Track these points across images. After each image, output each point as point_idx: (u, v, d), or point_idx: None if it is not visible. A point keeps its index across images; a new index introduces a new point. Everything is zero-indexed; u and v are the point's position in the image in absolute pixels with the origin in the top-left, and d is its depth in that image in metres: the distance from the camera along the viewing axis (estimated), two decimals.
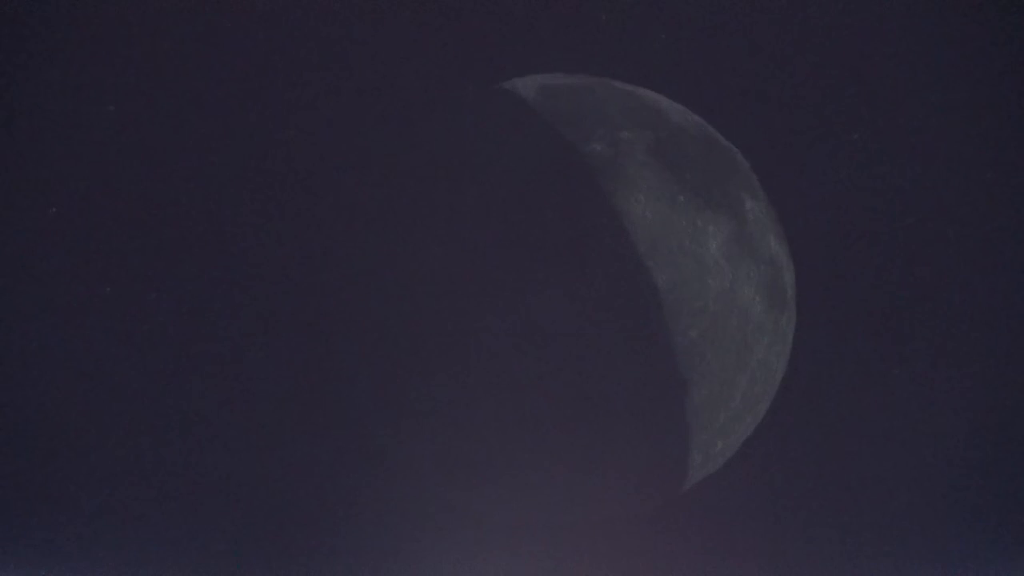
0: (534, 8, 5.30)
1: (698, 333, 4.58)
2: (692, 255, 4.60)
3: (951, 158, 4.90)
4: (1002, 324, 4.99)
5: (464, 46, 5.20)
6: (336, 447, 5.24)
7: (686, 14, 5.19)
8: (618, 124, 4.88)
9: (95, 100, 4.96)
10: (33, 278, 5.01)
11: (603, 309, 4.45)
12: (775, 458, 5.15)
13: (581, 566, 5.41)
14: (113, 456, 5.19)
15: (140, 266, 5.08)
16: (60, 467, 5.16)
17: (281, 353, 5.17)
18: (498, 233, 4.66)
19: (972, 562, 5.17)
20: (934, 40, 4.94)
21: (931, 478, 5.12)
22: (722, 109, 5.12)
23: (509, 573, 5.38)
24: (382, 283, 4.94)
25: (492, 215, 4.70)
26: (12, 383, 5.04)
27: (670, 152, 4.86)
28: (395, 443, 5.14)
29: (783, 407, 5.08)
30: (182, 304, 5.05)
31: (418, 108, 5.08)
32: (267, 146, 5.17)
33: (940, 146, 4.92)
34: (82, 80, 4.91)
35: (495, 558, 5.32)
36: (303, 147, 5.06)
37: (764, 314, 4.89)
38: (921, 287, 5.06)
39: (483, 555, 5.34)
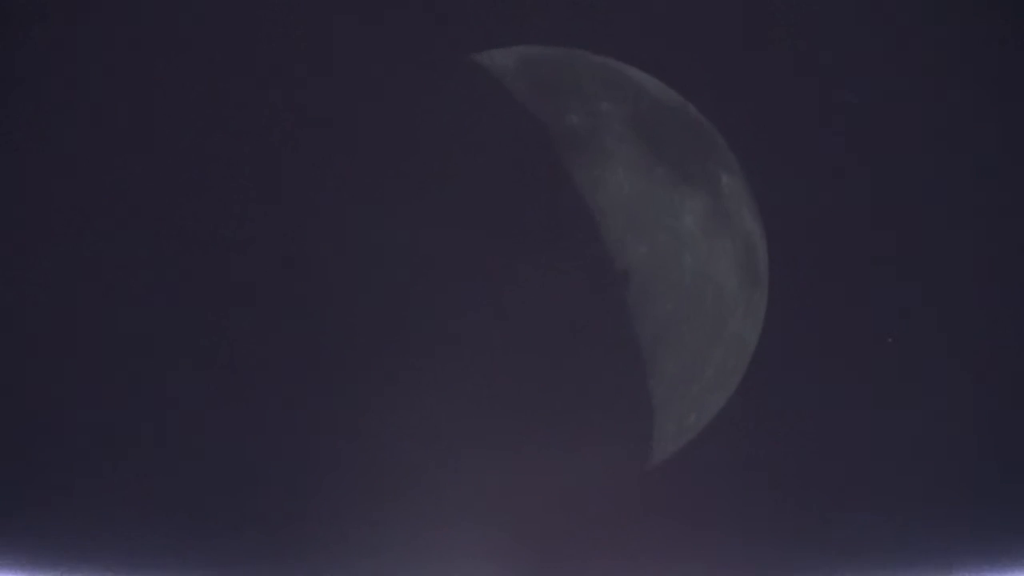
0: None
1: (673, 306, 4.63)
2: (669, 229, 4.63)
3: (932, 134, 4.96)
4: (981, 299, 5.08)
5: (439, 16, 5.14)
6: (316, 427, 5.24)
7: None
8: (596, 96, 4.88)
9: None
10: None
11: (580, 281, 4.48)
12: (747, 430, 5.23)
13: (553, 537, 5.46)
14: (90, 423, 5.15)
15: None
16: (53, 452, 5.13)
17: (258, 337, 5.14)
18: (474, 206, 4.66)
19: (951, 528, 5.31)
20: (918, 12, 4.98)
21: (905, 447, 5.23)
22: (698, 84, 5.12)
23: (486, 545, 5.43)
24: (352, 259, 4.92)
25: (467, 187, 4.69)
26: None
27: (648, 125, 4.87)
28: (374, 421, 5.15)
29: (755, 380, 5.14)
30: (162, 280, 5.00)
31: (391, 79, 5.02)
32: (226, 118, 5.08)
33: (921, 122, 4.97)
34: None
35: (471, 530, 5.37)
36: (265, 121, 4.98)
37: (738, 289, 4.94)
38: (894, 263, 5.13)
39: (459, 527, 5.37)
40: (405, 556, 5.41)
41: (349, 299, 4.86)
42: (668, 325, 4.64)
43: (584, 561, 5.54)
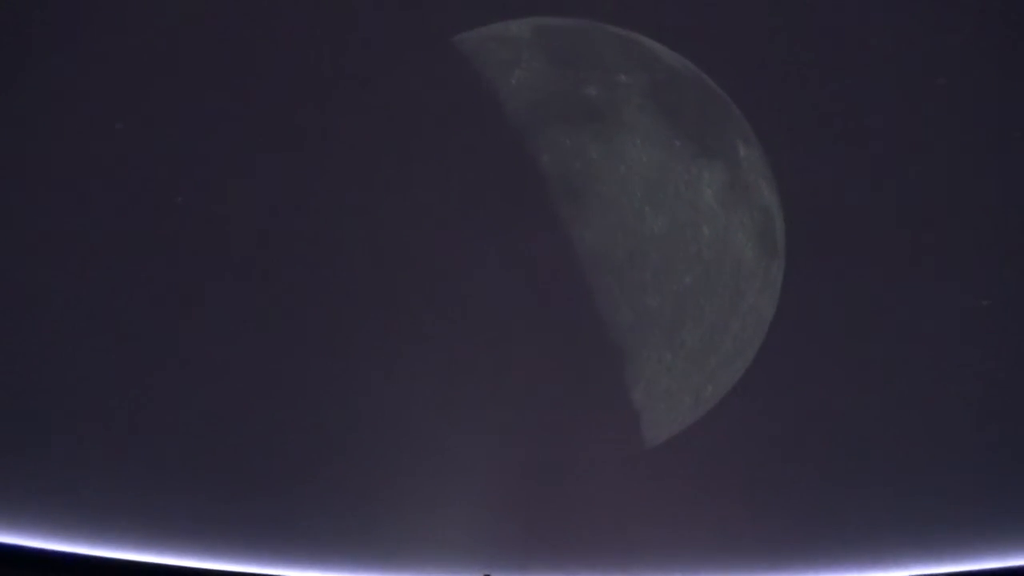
0: None
1: (692, 279, 4.62)
2: (688, 201, 4.61)
3: (947, 104, 4.92)
4: (1006, 274, 5.07)
5: None
6: (326, 383, 5.26)
7: None
8: (614, 67, 4.84)
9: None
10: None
11: (599, 253, 4.47)
12: (762, 403, 5.24)
13: (566, 503, 5.51)
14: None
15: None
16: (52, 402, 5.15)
17: (270, 287, 5.15)
18: (493, 176, 4.64)
19: (967, 506, 5.34)
20: None
21: (922, 424, 5.25)
22: (715, 54, 5.08)
23: (495, 508, 5.47)
24: (373, 223, 4.91)
25: (487, 158, 4.67)
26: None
27: (666, 96, 4.84)
28: (385, 379, 5.16)
29: (772, 352, 5.15)
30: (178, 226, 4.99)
31: (407, 50, 4.99)
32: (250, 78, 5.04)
33: (946, 92, 4.93)
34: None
35: (481, 492, 5.41)
36: (296, 82, 4.95)
37: (756, 260, 4.93)
38: (909, 234, 5.11)
39: (469, 488, 5.41)
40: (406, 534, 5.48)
41: (378, 264, 4.86)
42: (687, 298, 4.64)
43: (597, 535, 5.59)
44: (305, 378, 5.22)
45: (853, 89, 5.10)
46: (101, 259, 5.00)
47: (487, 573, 5.44)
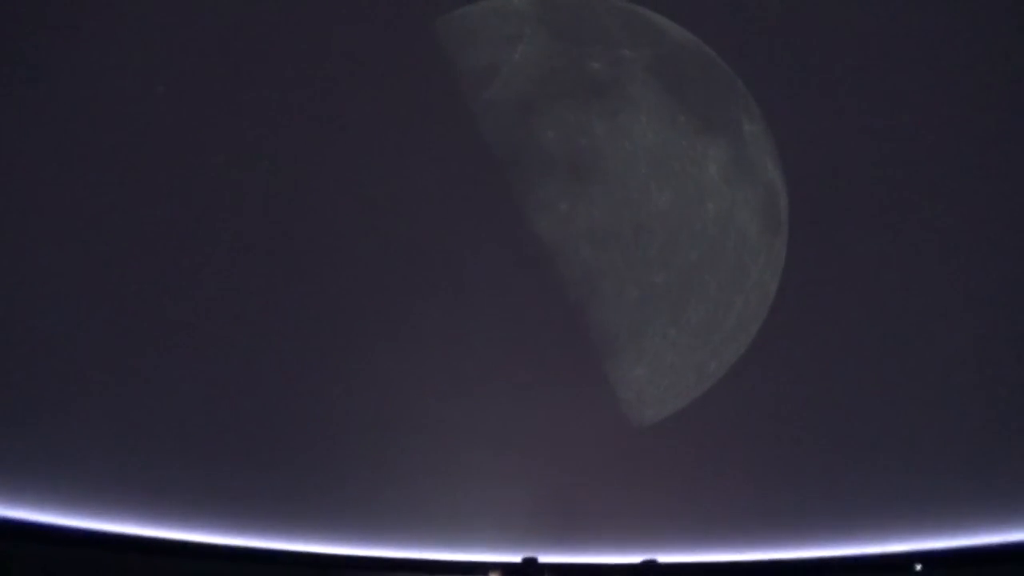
0: None
1: (697, 255, 4.62)
2: (692, 177, 4.60)
3: (948, 84, 4.90)
4: (1003, 249, 5.07)
5: None
6: (335, 365, 5.27)
7: None
8: (618, 41, 4.80)
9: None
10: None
11: (604, 229, 4.46)
12: (764, 378, 5.26)
13: (568, 485, 5.53)
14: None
15: None
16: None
17: (282, 275, 5.14)
18: (497, 153, 4.61)
19: (967, 479, 5.38)
20: None
21: (921, 399, 5.27)
22: (720, 30, 5.04)
23: (502, 482, 5.50)
24: (380, 207, 4.89)
25: (491, 134, 4.64)
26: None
27: (670, 71, 4.80)
28: (392, 361, 5.17)
29: (775, 327, 5.16)
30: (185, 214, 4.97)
31: (408, 26, 4.93)
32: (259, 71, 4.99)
33: (938, 72, 4.91)
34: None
35: (487, 467, 5.43)
36: (310, 70, 4.89)
37: (759, 236, 4.93)
38: (911, 210, 5.11)
39: (474, 464, 5.43)
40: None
41: (385, 248, 4.85)
42: (692, 273, 4.64)
43: (602, 506, 5.63)
44: (307, 359, 5.23)
45: (858, 67, 5.06)
46: (105, 245, 4.98)
47: (531, 556, 5.48)
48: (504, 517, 5.51)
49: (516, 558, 5.46)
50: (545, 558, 5.51)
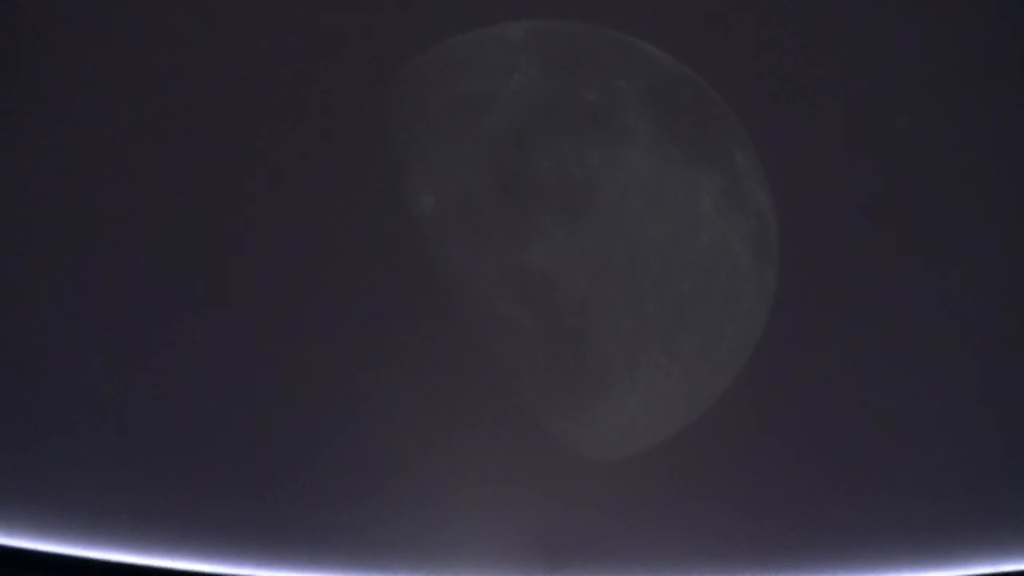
0: None
1: (689, 287, 4.65)
2: (686, 209, 4.64)
3: (941, 108, 4.95)
4: (1001, 276, 5.11)
5: None
6: (318, 389, 5.24)
7: None
8: (611, 72, 4.85)
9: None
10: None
11: (599, 261, 4.49)
12: (756, 404, 5.28)
13: (557, 517, 5.53)
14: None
15: None
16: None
17: (263, 292, 5.12)
18: (491, 181, 4.63)
19: (968, 513, 5.41)
20: None
21: (914, 422, 5.30)
22: (709, 59, 5.09)
23: (489, 515, 5.49)
24: (366, 227, 4.90)
25: (483, 163, 4.67)
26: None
27: (663, 102, 4.85)
28: (376, 385, 5.16)
29: (764, 356, 5.19)
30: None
31: (400, 52, 4.96)
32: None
33: (929, 98, 4.97)
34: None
35: (475, 497, 5.42)
36: (290, 86, 4.90)
37: (751, 265, 4.97)
38: (904, 237, 5.16)
39: (462, 493, 5.42)
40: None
41: (371, 269, 4.85)
42: (685, 303, 4.67)
43: (590, 540, 5.62)
44: (304, 376, 5.21)
45: (851, 96, 5.12)
46: (96, 255, 4.95)
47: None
48: (495, 548, 5.50)
49: None
50: None
